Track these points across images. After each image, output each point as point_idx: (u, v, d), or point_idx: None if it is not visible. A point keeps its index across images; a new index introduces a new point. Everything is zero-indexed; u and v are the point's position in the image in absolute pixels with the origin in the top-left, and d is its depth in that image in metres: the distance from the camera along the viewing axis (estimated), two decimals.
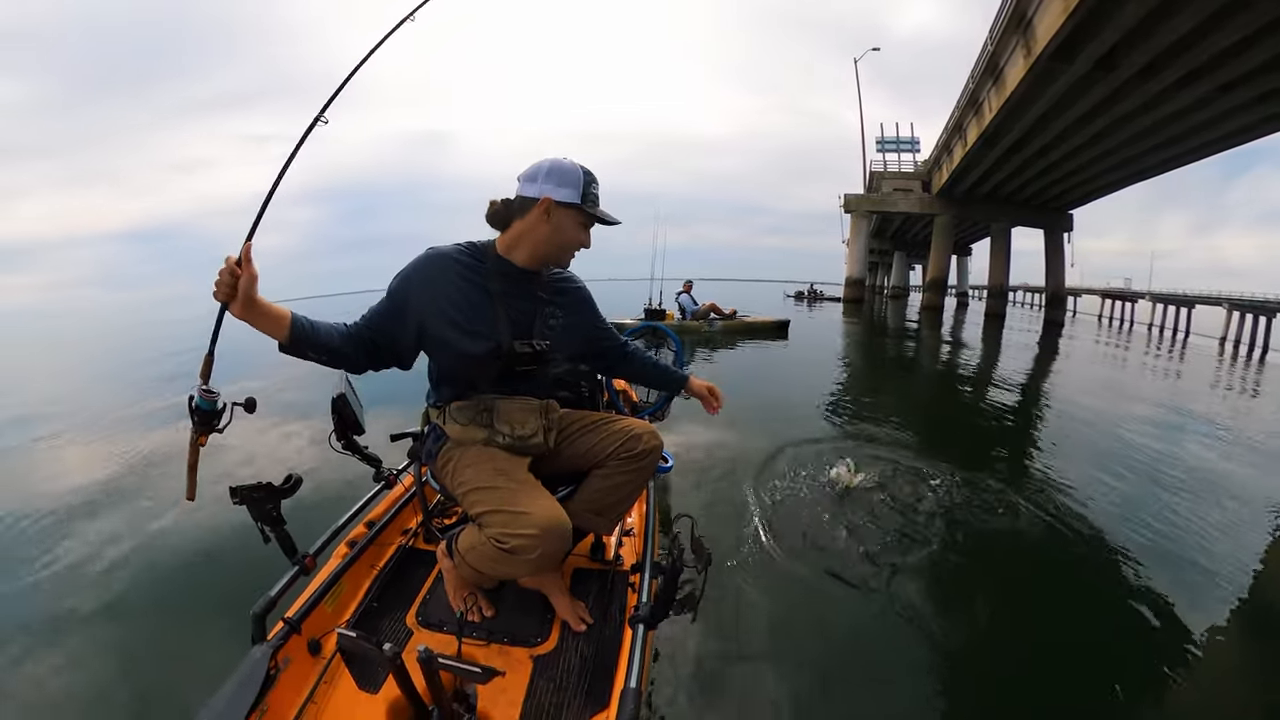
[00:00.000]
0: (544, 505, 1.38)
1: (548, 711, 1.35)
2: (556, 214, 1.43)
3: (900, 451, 4.12)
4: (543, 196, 1.41)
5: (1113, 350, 14.10)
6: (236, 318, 1.25)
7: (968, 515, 3.16)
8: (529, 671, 1.45)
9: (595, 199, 1.47)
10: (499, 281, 1.48)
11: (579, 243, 1.51)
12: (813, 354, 10.82)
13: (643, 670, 1.29)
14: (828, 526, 2.94)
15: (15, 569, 2.84)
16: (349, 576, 1.70)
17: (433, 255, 1.47)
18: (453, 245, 1.51)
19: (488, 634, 1.54)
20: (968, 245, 45.19)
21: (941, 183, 24.56)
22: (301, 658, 1.41)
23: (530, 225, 1.45)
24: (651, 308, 12.66)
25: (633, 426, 1.61)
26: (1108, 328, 21.04)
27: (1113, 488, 3.80)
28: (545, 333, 1.54)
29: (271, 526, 1.45)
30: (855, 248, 28.51)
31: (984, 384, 8.25)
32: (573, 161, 1.46)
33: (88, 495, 3.79)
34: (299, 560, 1.51)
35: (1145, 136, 16.11)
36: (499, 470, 1.45)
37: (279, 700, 1.28)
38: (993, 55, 14.98)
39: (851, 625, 2.32)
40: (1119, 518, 3.30)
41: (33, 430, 5.79)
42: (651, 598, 1.48)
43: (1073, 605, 2.50)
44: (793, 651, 2.15)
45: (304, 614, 1.46)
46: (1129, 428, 5.49)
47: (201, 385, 1.31)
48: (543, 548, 1.32)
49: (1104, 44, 11.09)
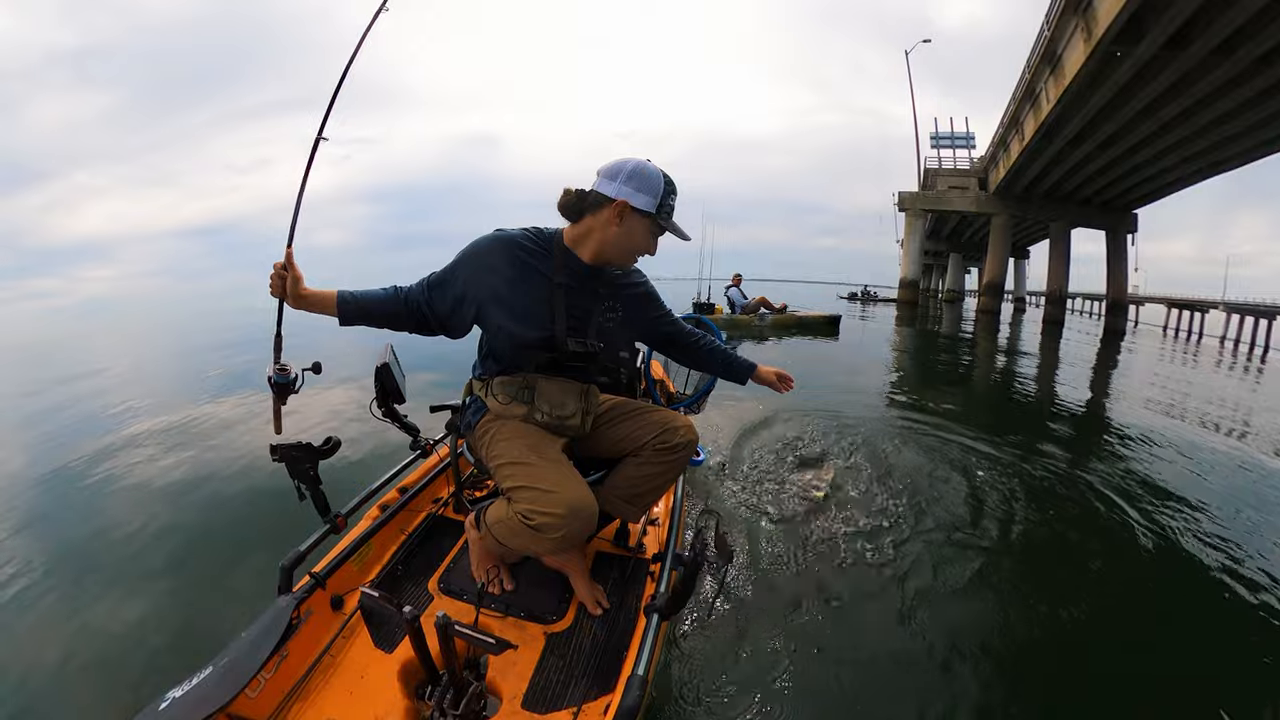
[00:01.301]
0: (573, 486, 1.39)
1: (554, 688, 1.38)
2: (629, 219, 1.43)
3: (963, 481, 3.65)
4: (619, 198, 1.40)
5: (1184, 365, 12.93)
6: (293, 309, 1.46)
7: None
8: (541, 648, 1.49)
9: (670, 210, 1.47)
10: (562, 273, 1.49)
11: (645, 250, 1.51)
12: (862, 355, 10.42)
13: (652, 659, 1.30)
14: (859, 536, 2.72)
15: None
16: (378, 539, 1.78)
17: (499, 237, 1.48)
18: (520, 229, 1.51)
19: (505, 607, 1.58)
20: (1025, 248, 43.42)
21: (998, 180, 23.45)
22: (323, 611, 1.49)
23: (600, 223, 1.44)
24: (700, 301, 12.66)
25: (671, 418, 1.61)
26: (1173, 339, 19.55)
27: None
28: (600, 331, 1.56)
29: (308, 485, 1.52)
30: (910, 248, 27.73)
31: (1047, 396, 7.51)
32: (656, 167, 1.44)
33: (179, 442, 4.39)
34: (331, 519, 1.58)
35: (1222, 123, 14.63)
36: (532, 447, 1.46)
37: (298, 648, 1.35)
38: (1050, 41, 14.10)
39: (884, 645, 2.10)
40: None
41: (128, 393, 6.63)
42: (669, 589, 1.48)
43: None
44: (809, 656, 1.99)
45: (330, 570, 1.54)
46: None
47: (275, 364, 1.49)
48: (567, 527, 1.33)
49: (1174, 20, 10.19)
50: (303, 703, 1.29)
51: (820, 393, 5.74)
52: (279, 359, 1.51)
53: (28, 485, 3.72)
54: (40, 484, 3.73)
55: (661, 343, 1.80)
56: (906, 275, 27.91)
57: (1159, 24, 10.39)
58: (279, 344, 1.52)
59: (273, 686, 1.25)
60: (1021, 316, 28.27)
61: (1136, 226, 25.00)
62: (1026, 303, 43.68)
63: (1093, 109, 14.59)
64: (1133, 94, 13.33)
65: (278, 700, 1.26)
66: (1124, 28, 10.77)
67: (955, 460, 3.83)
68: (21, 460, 4.33)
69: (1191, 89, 12.57)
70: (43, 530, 3.07)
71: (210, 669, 1.18)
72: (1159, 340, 18.53)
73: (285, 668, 1.30)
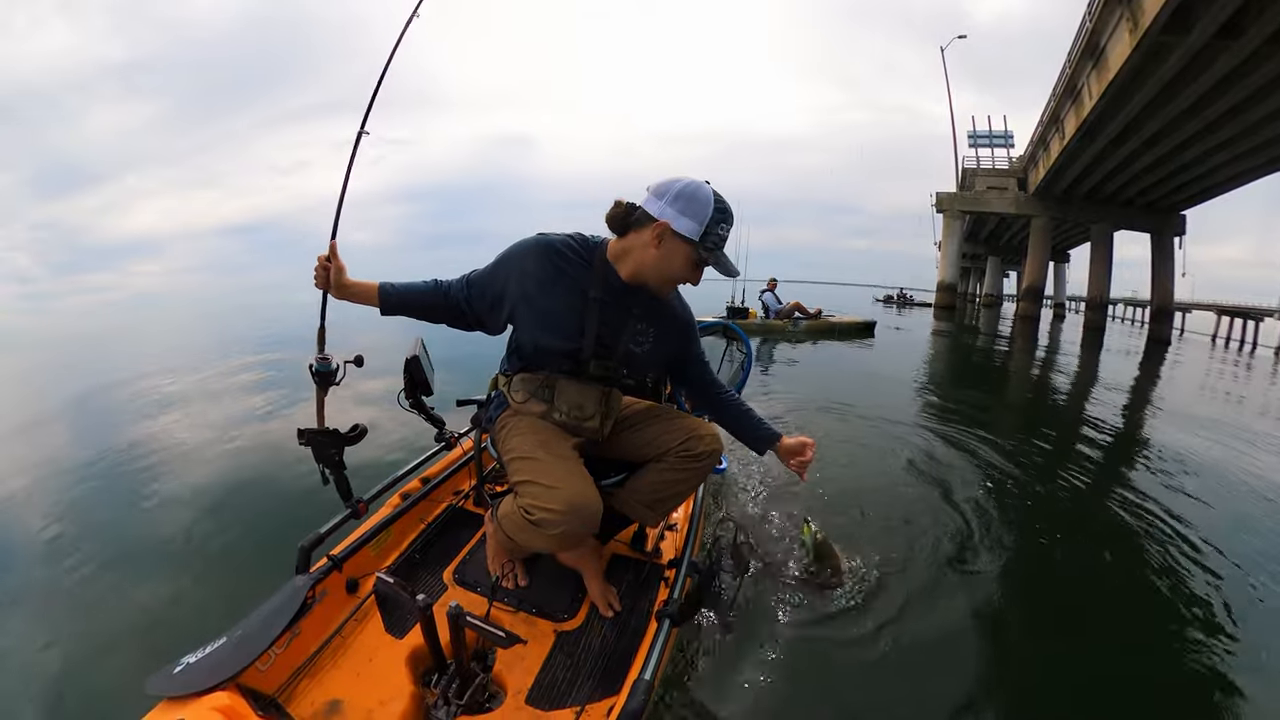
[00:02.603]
0: (575, 483, 1.37)
1: (559, 686, 1.38)
2: (669, 242, 1.37)
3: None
4: (661, 219, 1.35)
5: (1234, 380, 12.24)
6: (336, 299, 1.49)
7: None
8: (550, 645, 1.50)
9: (718, 241, 1.39)
10: (600, 287, 1.45)
11: (685, 279, 1.45)
12: (895, 364, 10.15)
13: (659, 665, 1.29)
14: (886, 558, 2.63)
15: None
16: (397, 526, 1.80)
17: (541, 243, 1.46)
18: (563, 236, 1.48)
19: (518, 602, 1.60)
20: (1065, 251, 42.04)
21: (1038, 180, 22.67)
22: (338, 593, 1.51)
23: (641, 243, 1.39)
24: (734, 305, 12.54)
25: (696, 426, 1.59)
26: (1224, 349, 18.65)
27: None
28: (628, 356, 1.53)
29: (332, 470, 1.55)
30: (948, 250, 26.94)
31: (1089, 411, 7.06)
32: (711, 191, 1.36)
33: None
34: (352, 504, 1.60)
35: (1277, 118, 13.78)
36: (542, 443, 1.46)
37: (310, 628, 1.37)
38: (1092, 33, 13.52)
39: (901, 661, 2.02)
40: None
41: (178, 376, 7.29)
42: (683, 595, 1.49)
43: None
44: (821, 671, 1.93)
45: (348, 554, 1.56)
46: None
47: (318, 354, 1.54)
48: (566, 524, 1.32)
49: (1226, 7, 9.71)
50: (310, 680, 1.31)
51: (853, 404, 5.55)
52: (322, 349, 1.57)
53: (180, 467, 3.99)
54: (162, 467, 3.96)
55: (686, 383, 1.76)
56: (944, 278, 27.13)
57: (1209, 12, 9.93)
58: (322, 335, 1.59)
59: (283, 662, 1.28)
60: (1061, 324, 27.29)
61: (1184, 228, 23.88)
62: (1066, 308, 42.37)
63: (1138, 105, 13.95)
64: (1182, 88, 12.68)
65: (287, 675, 1.28)
66: (1172, 15, 10.31)
67: (978, 470, 3.72)
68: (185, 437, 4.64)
69: (1245, 81, 11.97)
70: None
71: (224, 639, 1.21)
72: (1208, 350, 17.74)
73: (296, 645, 1.32)
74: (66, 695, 1.81)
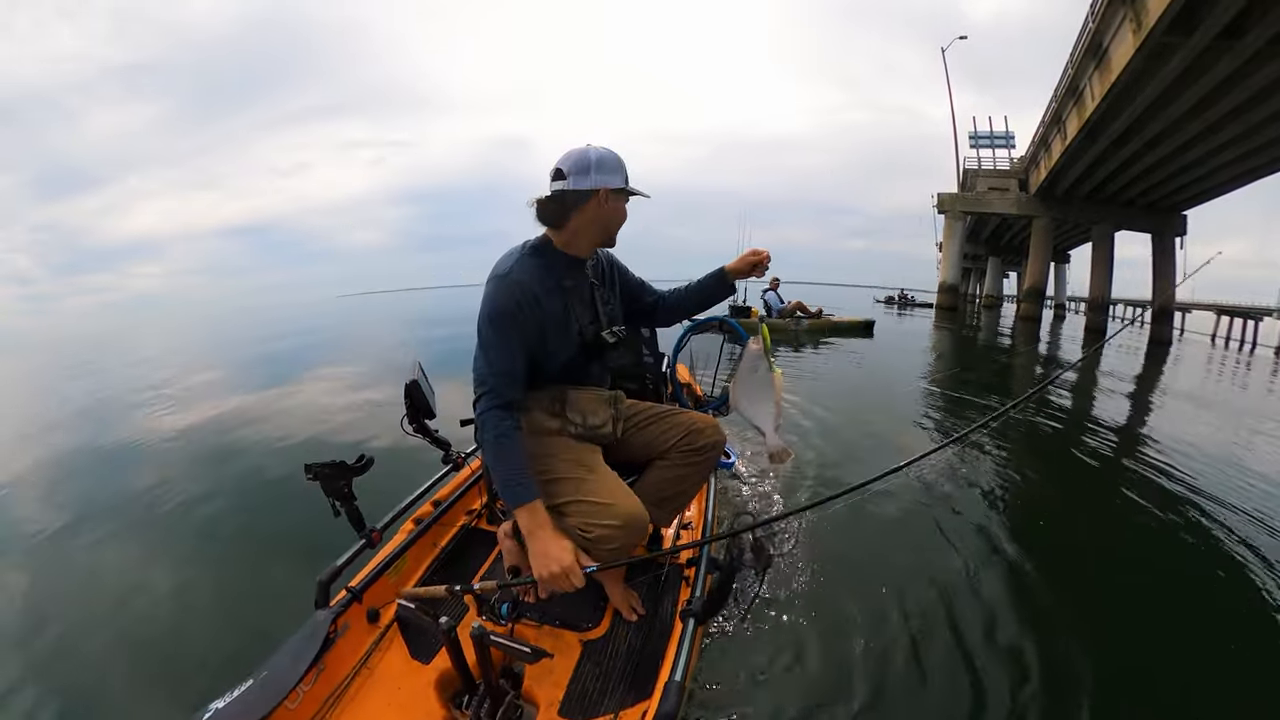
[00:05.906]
0: (624, 496, 1.42)
1: (591, 696, 1.39)
2: (611, 200, 1.49)
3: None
4: (598, 187, 1.45)
5: (1232, 382, 12.27)
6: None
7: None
8: (577, 656, 1.50)
9: (628, 177, 1.53)
10: (568, 277, 1.54)
11: (623, 219, 1.56)
12: (895, 362, 10.24)
13: (689, 665, 1.30)
14: (906, 544, 2.70)
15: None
16: (412, 552, 1.81)
17: (512, 288, 1.45)
18: (516, 262, 1.49)
19: (541, 616, 1.60)
20: (1066, 251, 42.03)
21: (1039, 181, 22.66)
22: (360, 624, 1.51)
23: (591, 216, 1.49)
24: (737, 305, 12.47)
25: (696, 420, 1.64)
26: (1223, 349, 18.62)
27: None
28: (609, 315, 1.62)
29: (342, 502, 1.55)
30: (949, 251, 26.86)
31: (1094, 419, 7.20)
32: (606, 147, 1.50)
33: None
34: (366, 534, 1.60)
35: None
36: (579, 462, 1.49)
37: (335, 661, 1.37)
38: (1095, 34, 13.51)
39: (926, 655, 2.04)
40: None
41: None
42: (705, 593, 1.50)
43: None
44: (848, 664, 1.96)
45: (366, 584, 1.57)
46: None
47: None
48: (624, 539, 1.36)
49: (1230, 8, 9.70)
50: (341, 713, 1.31)
51: (848, 406, 5.58)
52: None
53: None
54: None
55: (645, 312, 1.84)
56: (946, 279, 27.01)
57: (1214, 12, 9.91)
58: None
59: (311, 698, 1.28)
60: (1061, 325, 27.28)
61: (1185, 229, 23.84)
62: (1066, 309, 42.33)
63: (1141, 105, 13.93)
64: (1184, 88, 12.66)
65: (316, 710, 1.29)
66: (1176, 16, 10.29)
67: (988, 475, 3.72)
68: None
69: (1247, 82, 11.95)
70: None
71: (250, 682, 1.21)
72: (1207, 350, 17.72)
73: (324, 679, 1.32)
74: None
